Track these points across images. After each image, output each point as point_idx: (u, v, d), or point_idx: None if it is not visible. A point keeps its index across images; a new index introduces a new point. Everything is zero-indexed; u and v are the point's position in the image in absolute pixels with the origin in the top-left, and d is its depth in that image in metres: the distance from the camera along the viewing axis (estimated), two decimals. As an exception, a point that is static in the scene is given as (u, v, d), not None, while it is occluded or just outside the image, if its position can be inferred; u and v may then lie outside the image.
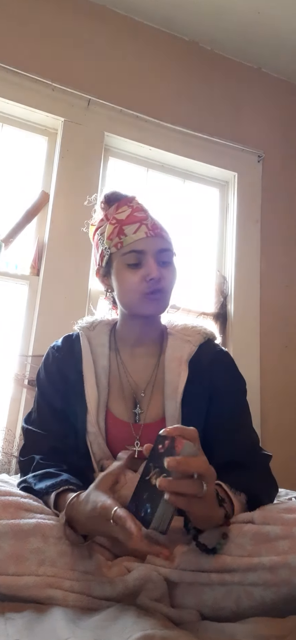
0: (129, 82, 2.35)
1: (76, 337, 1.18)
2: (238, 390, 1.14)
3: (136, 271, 1.07)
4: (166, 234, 1.11)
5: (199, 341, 1.14)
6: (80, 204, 2.14)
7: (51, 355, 1.18)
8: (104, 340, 1.16)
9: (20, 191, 2.18)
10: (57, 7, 2.28)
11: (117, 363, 1.15)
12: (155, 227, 1.08)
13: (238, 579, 0.82)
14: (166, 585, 0.85)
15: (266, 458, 1.07)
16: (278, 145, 2.62)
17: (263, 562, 0.80)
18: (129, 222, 1.08)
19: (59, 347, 1.18)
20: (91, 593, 0.80)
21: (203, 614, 0.84)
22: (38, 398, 1.15)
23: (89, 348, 1.14)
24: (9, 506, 0.85)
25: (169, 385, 1.09)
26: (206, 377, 1.10)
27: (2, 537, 0.80)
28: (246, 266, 2.39)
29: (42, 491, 0.92)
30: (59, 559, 0.83)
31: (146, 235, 1.07)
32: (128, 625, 0.69)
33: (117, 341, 1.18)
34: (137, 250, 1.07)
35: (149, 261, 1.06)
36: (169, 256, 1.11)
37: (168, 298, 1.10)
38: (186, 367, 1.09)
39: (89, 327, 1.19)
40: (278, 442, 2.23)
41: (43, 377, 1.16)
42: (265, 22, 2.36)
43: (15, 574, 0.79)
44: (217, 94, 2.54)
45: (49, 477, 0.95)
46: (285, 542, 0.81)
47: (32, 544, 0.82)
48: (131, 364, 1.15)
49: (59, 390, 1.12)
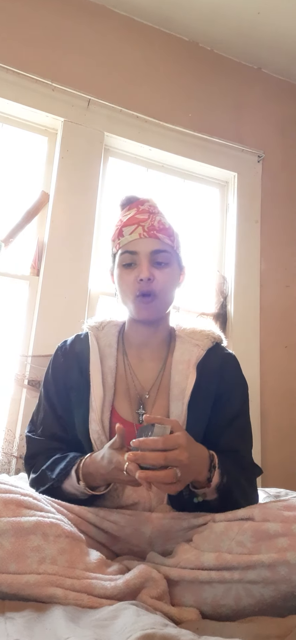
0: (129, 82, 2.35)
1: (85, 337, 1.20)
2: (243, 394, 1.17)
3: (130, 271, 1.10)
4: (164, 236, 1.12)
5: (207, 346, 1.15)
6: (80, 204, 2.16)
7: (58, 354, 1.20)
8: (112, 341, 1.18)
9: (20, 191, 2.18)
10: (58, 7, 2.28)
11: (125, 365, 1.17)
12: (152, 228, 1.10)
13: (238, 576, 0.83)
14: (166, 583, 0.86)
15: (258, 472, 1.13)
16: (278, 145, 2.62)
17: (262, 559, 0.81)
18: (128, 224, 1.12)
19: (66, 346, 1.21)
20: (91, 592, 0.80)
21: (202, 612, 0.85)
22: (43, 397, 1.17)
23: (97, 347, 1.16)
24: (10, 503, 0.85)
25: (177, 386, 1.10)
26: (213, 381, 1.12)
27: (3, 534, 0.81)
28: (246, 266, 2.39)
29: (61, 473, 1.01)
30: (59, 557, 0.83)
31: (140, 236, 1.10)
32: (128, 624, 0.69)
33: (125, 343, 1.20)
34: (130, 251, 1.10)
35: (141, 261, 1.09)
36: (165, 257, 1.11)
37: (161, 301, 1.11)
38: (194, 371, 1.11)
39: (98, 327, 1.20)
40: (278, 442, 2.23)
41: (50, 376, 1.18)
42: (265, 22, 2.36)
43: (16, 572, 0.79)
44: (217, 94, 2.54)
45: (59, 462, 1.04)
46: (284, 539, 0.82)
47: (32, 541, 0.82)
48: (137, 366, 1.17)
49: (64, 389, 1.15)
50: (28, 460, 1.14)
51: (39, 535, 0.83)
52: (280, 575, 0.80)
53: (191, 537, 0.96)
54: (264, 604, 0.81)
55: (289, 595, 0.80)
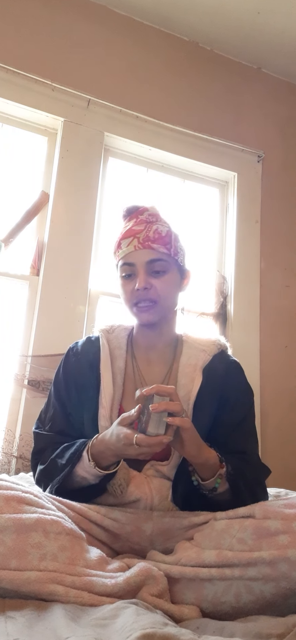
0: (129, 82, 2.35)
1: (96, 339, 1.24)
2: (249, 402, 1.21)
3: (130, 282, 1.16)
4: (160, 245, 1.15)
5: (213, 352, 1.20)
6: (80, 204, 2.16)
7: (70, 355, 1.24)
8: (122, 344, 1.23)
9: (20, 191, 2.18)
10: (58, 7, 2.28)
11: (133, 366, 1.22)
12: (146, 239, 1.14)
13: (238, 573, 0.83)
14: (166, 581, 0.87)
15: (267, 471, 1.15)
16: (278, 145, 2.62)
17: (263, 556, 0.82)
18: (125, 236, 1.17)
19: (78, 347, 1.25)
20: (92, 589, 0.81)
21: (203, 609, 0.85)
22: (53, 395, 1.21)
23: (108, 349, 1.20)
24: (12, 500, 0.85)
25: (183, 388, 1.14)
26: (218, 385, 1.15)
27: (4, 531, 0.81)
28: (246, 266, 2.39)
29: (73, 457, 1.04)
30: (60, 554, 0.83)
31: (135, 248, 1.14)
32: (128, 623, 0.69)
33: (134, 346, 1.25)
34: (128, 263, 1.16)
35: (139, 272, 1.14)
36: (162, 265, 1.15)
37: (160, 306, 1.15)
38: (200, 374, 1.15)
39: (109, 330, 1.26)
40: (278, 442, 2.23)
41: (61, 375, 1.22)
42: (265, 22, 2.36)
43: (17, 569, 0.79)
44: (217, 94, 2.54)
45: (68, 448, 1.07)
46: (285, 536, 0.83)
47: (33, 538, 0.82)
48: (145, 368, 1.21)
49: (74, 388, 1.18)
50: (35, 455, 1.16)
51: (39, 532, 0.83)
52: (280, 571, 0.81)
53: (192, 535, 0.97)
54: (264, 601, 0.82)
55: (289, 592, 0.81)
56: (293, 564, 0.80)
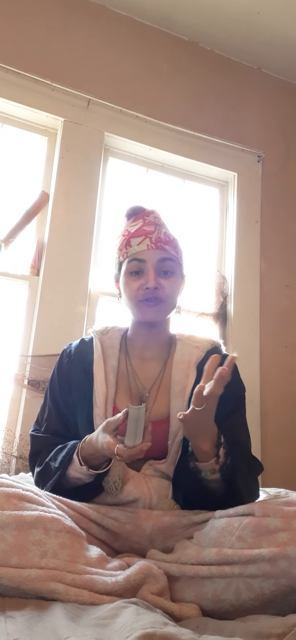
0: (129, 82, 2.35)
1: (89, 340, 1.26)
2: (241, 397, 1.22)
3: (137, 279, 1.16)
4: (170, 247, 1.18)
5: (207, 348, 1.21)
6: (80, 204, 2.16)
7: (63, 356, 1.25)
8: (115, 343, 1.24)
9: (20, 191, 2.18)
10: (58, 7, 2.28)
11: (127, 364, 1.22)
12: (159, 240, 1.17)
13: (238, 571, 0.84)
14: (166, 579, 0.87)
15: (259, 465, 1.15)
16: (278, 145, 2.62)
17: (262, 553, 0.82)
18: (136, 235, 1.18)
19: (71, 348, 1.26)
20: (92, 587, 0.81)
21: (202, 607, 0.86)
22: (48, 396, 1.22)
23: (101, 349, 1.22)
24: (13, 497, 0.86)
25: (178, 384, 1.15)
26: None
27: (5, 527, 0.81)
28: (246, 266, 2.39)
29: (64, 460, 1.05)
30: (60, 551, 0.84)
31: (148, 247, 1.16)
32: (128, 623, 0.69)
33: (128, 345, 1.26)
34: (138, 259, 1.16)
35: (148, 271, 1.15)
36: (171, 266, 1.17)
37: (166, 305, 1.17)
38: (194, 370, 1.17)
39: (103, 332, 1.27)
40: (278, 442, 2.23)
41: (55, 377, 1.23)
42: (265, 22, 2.36)
43: (18, 566, 0.80)
44: (217, 94, 2.54)
45: (60, 451, 1.08)
46: (284, 534, 0.84)
47: (34, 535, 0.83)
48: (139, 366, 1.22)
49: (68, 389, 1.19)
50: (32, 457, 1.18)
51: (40, 529, 0.84)
52: (280, 568, 0.81)
53: (192, 534, 0.97)
54: (264, 598, 0.82)
55: (288, 589, 0.81)
56: (292, 561, 0.80)
